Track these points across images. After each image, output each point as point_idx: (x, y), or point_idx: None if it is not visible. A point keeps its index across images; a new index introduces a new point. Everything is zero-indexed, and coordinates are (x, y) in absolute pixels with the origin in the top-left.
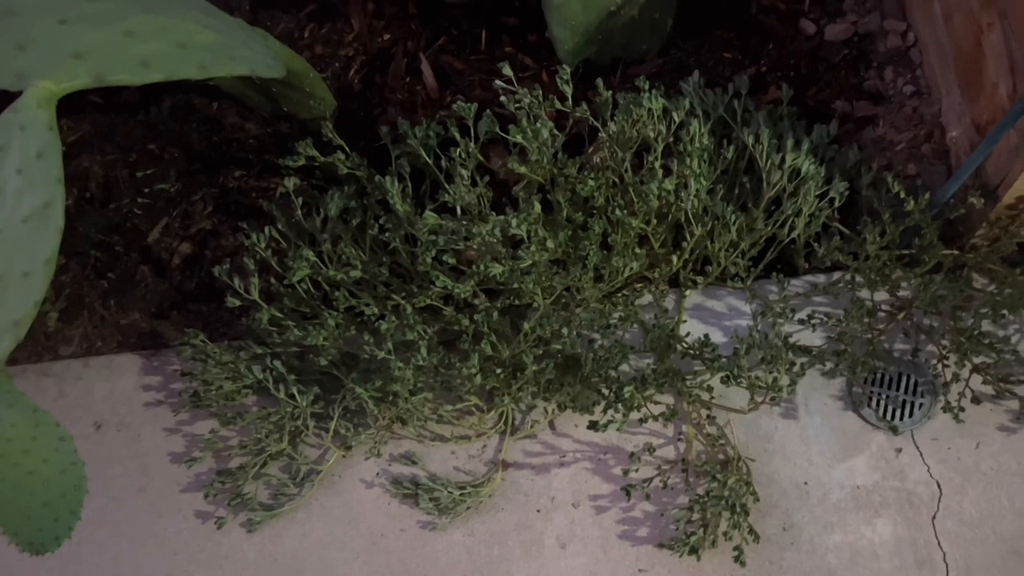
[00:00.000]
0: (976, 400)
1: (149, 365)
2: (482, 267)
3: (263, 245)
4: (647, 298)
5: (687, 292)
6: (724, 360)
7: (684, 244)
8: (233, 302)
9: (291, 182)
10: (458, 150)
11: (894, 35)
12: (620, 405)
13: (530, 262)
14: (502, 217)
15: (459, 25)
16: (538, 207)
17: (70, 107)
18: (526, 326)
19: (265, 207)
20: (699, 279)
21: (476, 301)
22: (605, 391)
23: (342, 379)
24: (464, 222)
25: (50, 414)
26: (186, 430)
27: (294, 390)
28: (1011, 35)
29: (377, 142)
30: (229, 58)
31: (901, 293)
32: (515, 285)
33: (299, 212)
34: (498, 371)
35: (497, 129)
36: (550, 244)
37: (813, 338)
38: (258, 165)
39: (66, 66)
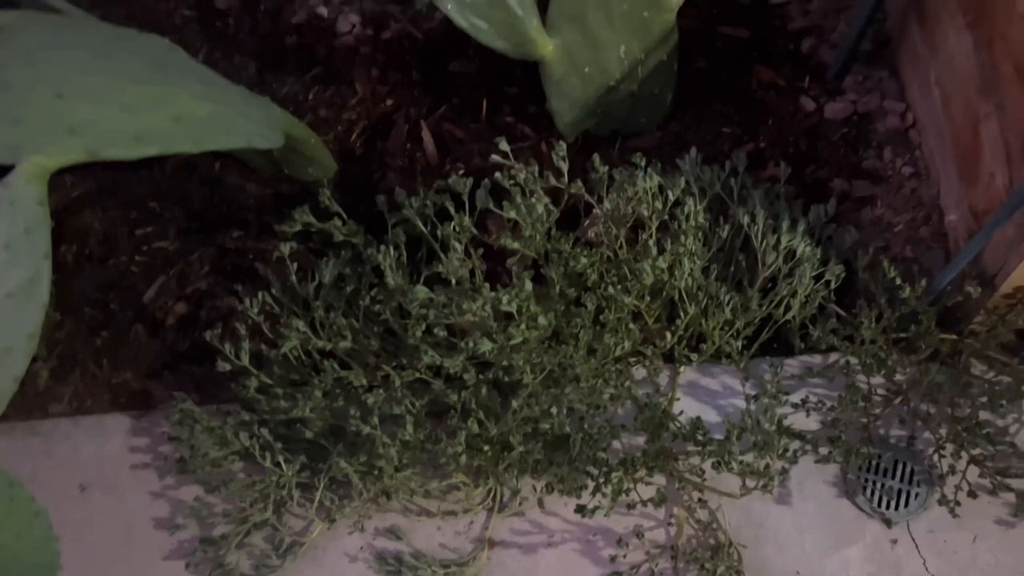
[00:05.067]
0: (972, 494)
1: (138, 426)
2: (471, 344)
3: (255, 310)
4: (641, 372)
5: (681, 369)
6: (715, 445)
7: (678, 321)
8: (224, 366)
9: (286, 247)
10: (452, 224)
11: (893, 115)
12: (608, 490)
13: (520, 339)
14: (493, 294)
15: (461, 93)
16: (529, 285)
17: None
18: (514, 404)
19: (260, 270)
20: (694, 356)
21: (466, 376)
22: (594, 472)
23: (329, 448)
24: (456, 295)
25: (25, 488)
26: (171, 495)
27: (280, 459)
28: (1007, 127)
29: (377, 206)
30: (225, 131)
31: (898, 378)
32: (504, 362)
33: (294, 277)
34: (485, 448)
35: (491, 205)
36: (542, 320)
37: (808, 422)
38: (256, 226)
39: (60, 141)
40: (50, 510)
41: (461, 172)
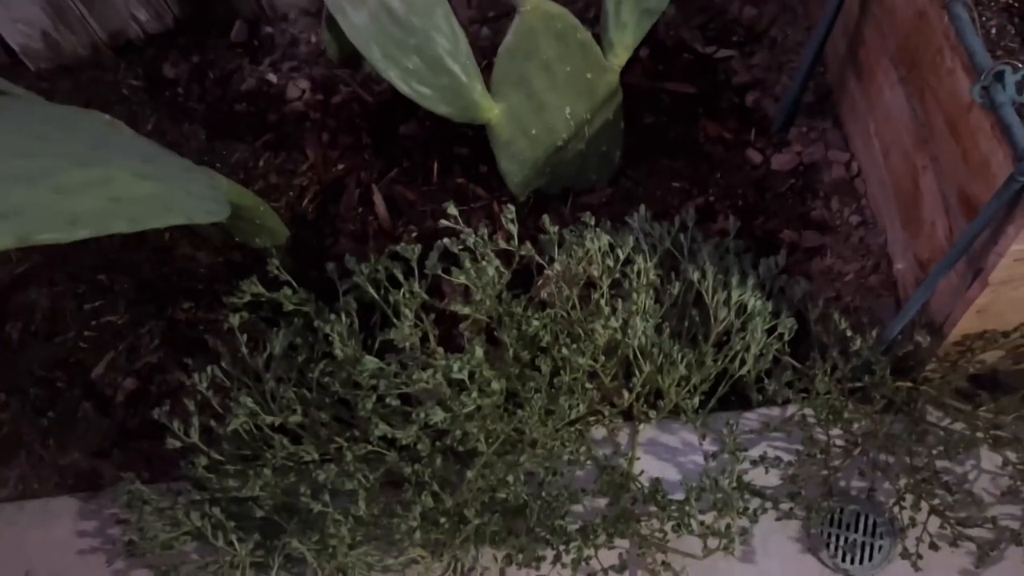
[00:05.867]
0: (934, 546)
1: (87, 508)
2: (423, 414)
3: (205, 385)
4: (601, 432)
5: (641, 426)
6: (675, 507)
7: (634, 380)
8: (173, 443)
9: (236, 319)
10: (402, 291)
11: (838, 165)
12: (568, 559)
13: (473, 407)
14: (443, 362)
15: (411, 156)
16: (480, 351)
17: None
18: (469, 475)
19: (210, 343)
20: (652, 413)
21: (419, 447)
22: (553, 541)
23: (283, 525)
24: (409, 363)
25: None
26: None
27: (233, 538)
28: (942, 179)
29: (325, 271)
30: (165, 209)
31: (855, 428)
32: (458, 431)
33: (244, 349)
34: (442, 521)
35: (439, 271)
36: (495, 386)
37: (768, 477)
38: (208, 296)
39: None
40: None
41: (414, 235)
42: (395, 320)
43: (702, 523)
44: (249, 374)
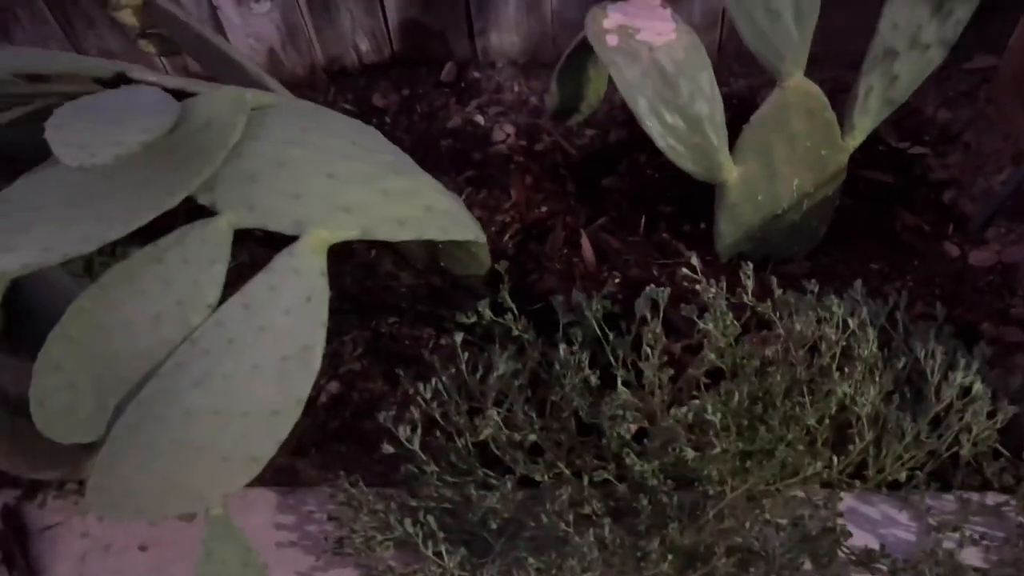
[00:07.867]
0: None
1: (284, 503)
2: (676, 450)
3: (429, 395)
4: (799, 493)
5: (841, 495)
6: (907, 572)
7: (851, 447)
8: (388, 449)
9: (459, 337)
10: (647, 331)
11: None
12: None
13: (720, 450)
14: (696, 401)
15: (617, 207)
16: (737, 395)
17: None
18: (711, 514)
19: (426, 357)
20: (856, 483)
21: (654, 482)
22: None
23: (491, 542)
24: (639, 402)
25: (259, 555)
26: None
27: (442, 548)
28: None
29: (530, 304)
30: (462, 224)
31: None
32: (704, 472)
33: (464, 366)
34: (670, 557)
35: (695, 316)
36: (733, 432)
37: (972, 558)
38: (411, 314)
39: (337, 218)
40: None
41: (617, 280)
42: (612, 360)
43: None
44: (462, 393)
